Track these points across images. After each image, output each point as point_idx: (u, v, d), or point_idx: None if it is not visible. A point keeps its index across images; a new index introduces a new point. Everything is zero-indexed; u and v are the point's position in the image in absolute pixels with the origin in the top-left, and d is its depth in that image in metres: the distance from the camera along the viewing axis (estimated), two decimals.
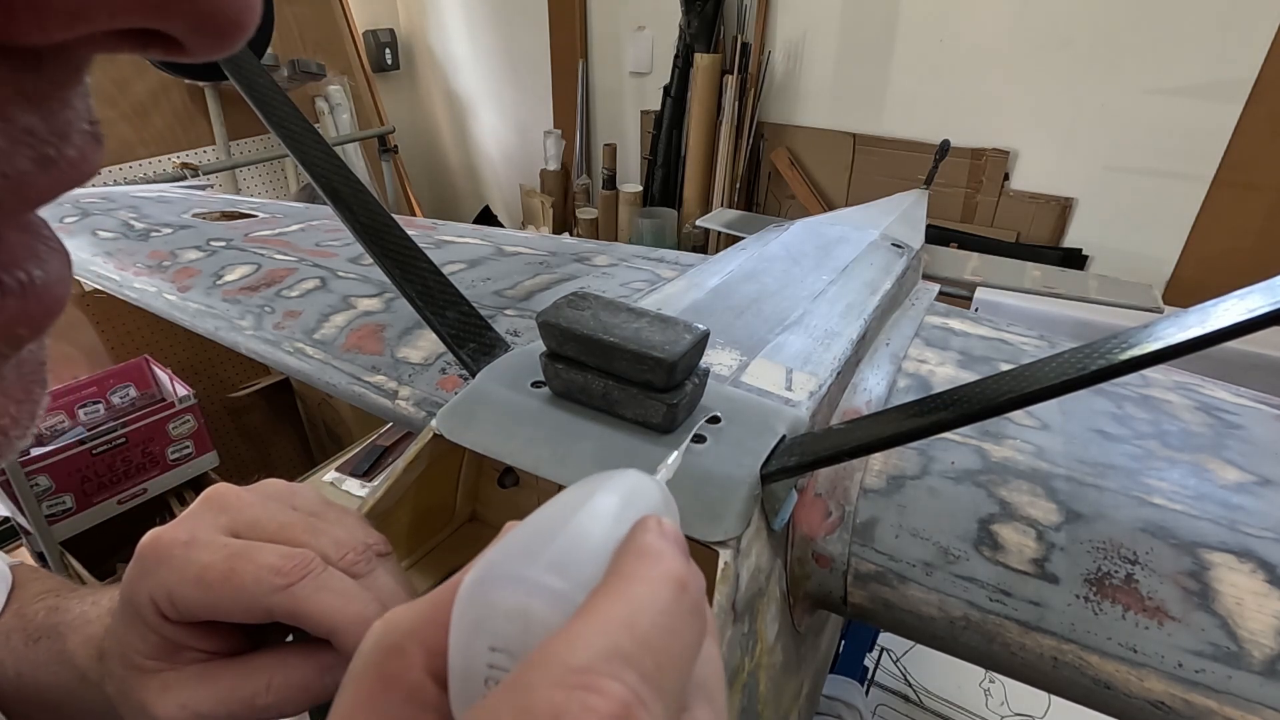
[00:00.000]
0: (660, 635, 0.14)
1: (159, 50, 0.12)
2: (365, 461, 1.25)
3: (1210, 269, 1.65)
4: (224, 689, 0.25)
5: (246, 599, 0.24)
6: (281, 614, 0.24)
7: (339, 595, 0.25)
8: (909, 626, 0.36)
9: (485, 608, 0.15)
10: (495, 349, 0.42)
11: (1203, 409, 0.45)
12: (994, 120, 1.82)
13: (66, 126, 0.12)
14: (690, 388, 0.33)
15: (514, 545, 0.16)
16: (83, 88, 0.12)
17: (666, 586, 0.15)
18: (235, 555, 0.25)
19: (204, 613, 0.25)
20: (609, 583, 0.15)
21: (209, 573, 0.24)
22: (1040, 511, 0.35)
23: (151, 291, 0.65)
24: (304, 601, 0.24)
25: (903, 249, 0.67)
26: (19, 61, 0.10)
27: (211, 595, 0.24)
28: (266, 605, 0.24)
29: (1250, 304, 0.19)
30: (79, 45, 0.11)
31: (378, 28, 2.72)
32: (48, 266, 0.13)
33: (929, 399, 0.27)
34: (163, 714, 0.25)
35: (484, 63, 2.85)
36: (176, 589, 0.24)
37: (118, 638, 0.27)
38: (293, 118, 0.44)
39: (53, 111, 0.11)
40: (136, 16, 0.10)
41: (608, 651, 0.13)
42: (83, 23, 0.10)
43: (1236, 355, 0.86)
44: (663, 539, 0.16)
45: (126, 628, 0.26)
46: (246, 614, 0.25)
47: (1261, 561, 0.32)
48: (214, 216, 0.84)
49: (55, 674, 0.30)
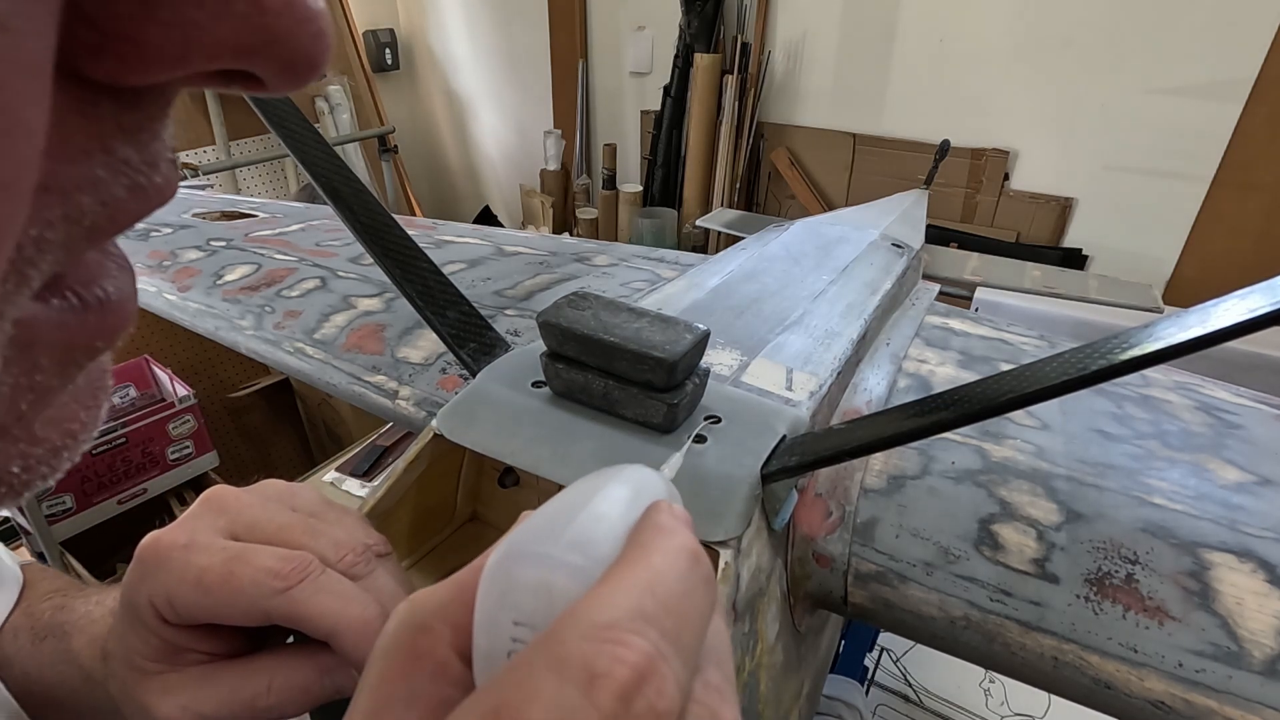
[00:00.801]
0: (678, 599, 0.15)
1: (241, 86, 0.13)
2: (365, 461, 1.25)
3: (1210, 269, 1.65)
4: (225, 691, 0.25)
5: (245, 602, 0.24)
6: (280, 617, 0.24)
7: (337, 597, 0.25)
8: (909, 626, 0.36)
9: (509, 583, 0.16)
10: (495, 349, 0.42)
11: (1203, 409, 0.45)
12: (994, 120, 1.82)
13: (156, 156, 0.13)
14: (691, 388, 0.33)
15: (534, 527, 0.17)
16: (169, 119, 0.13)
17: (682, 557, 0.16)
18: (233, 558, 0.25)
19: (203, 616, 0.25)
20: (629, 554, 0.16)
21: (207, 576, 0.24)
22: (1040, 511, 0.35)
23: (151, 291, 0.65)
24: (302, 604, 0.24)
25: (903, 249, 0.67)
26: (122, 99, 0.11)
27: (210, 598, 0.24)
28: (265, 608, 0.24)
29: (1250, 304, 0.19)
30: (173, 83, 0.12)
31: (378, 28, 2.72)
32: (119, 283, 0.14)
33: (929, 399, 0.27)
34: (164, 715, 0.25)
35: (484, 63, 2.85)
36: (175, 592, 0.25)
37: (119, 639, 0.27)
38: (293, 118, 0.44)
39: (145, 143, 0.12)
40: (230, 60, 0.11)
41: (632, 611, 0.14)
42: (182, 66, 0.11)
43: (1236, 355, 0.86)
44: (675, 519, 0.17)
45: (127, 629, 0.26)
46: (245, 617, 0.25)
47: (1262, 561, 0.32)
48: (214, 216, 0.84)
49: (61, 673, 0.30)
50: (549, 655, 0.13)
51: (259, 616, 0.25)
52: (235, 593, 0.24)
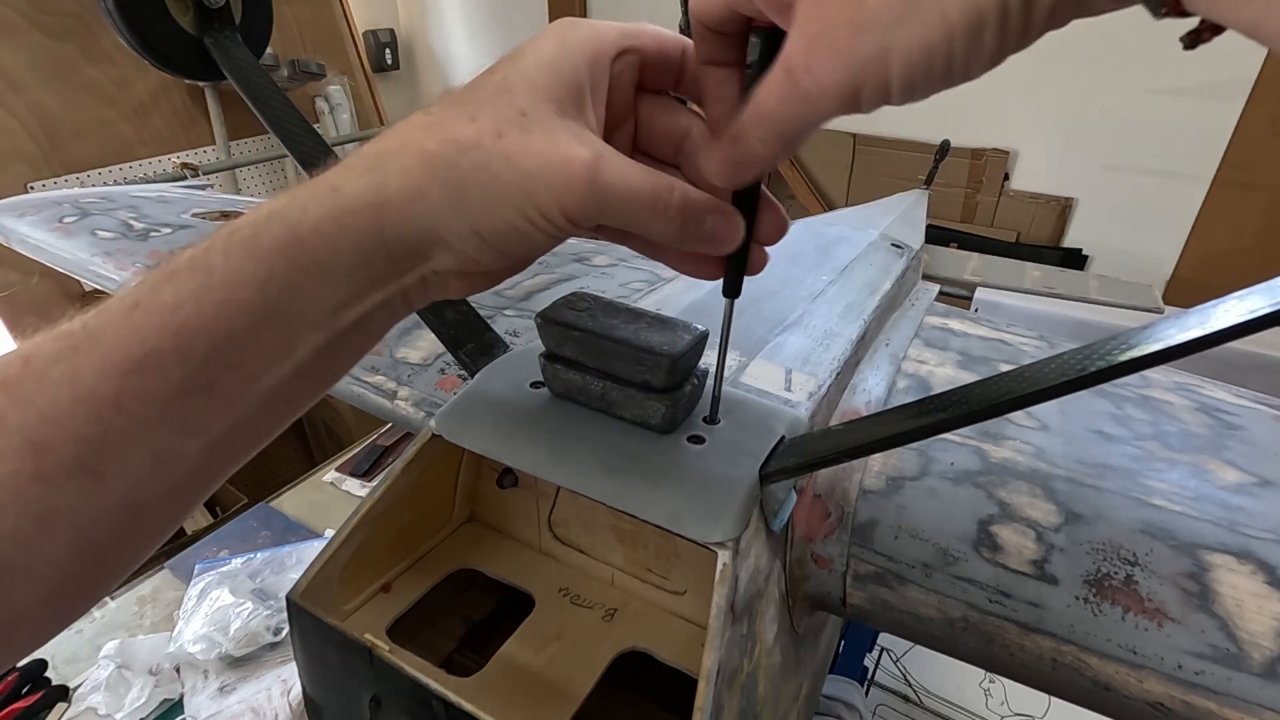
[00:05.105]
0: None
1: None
2: (365, 461, 1.25)
3: (1210, 269, 1.65)
4: (642, 166, 0.23)
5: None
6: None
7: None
8: (908, 628, 0.36)
9: None
10: (494, 349, 0.42)
11: (1203, 410, 0.45)
12: (994, 120, 1.82)
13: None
14: (689, 388, 0.33)
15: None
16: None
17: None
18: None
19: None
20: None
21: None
22: (1040, 513, 0.35)
23: None
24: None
25: (902, 249, 0.67)
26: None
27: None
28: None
29: (1250, 305, 0.19)
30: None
31: (378, 28, 2.72)
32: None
33: (928, 400, 0.27)
34: (573, 154, 0.22)
35: (484, 63, 2.78)
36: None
37: (527, 85, 0.23)
38: (292, 118, 0.44)
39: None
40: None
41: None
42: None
43: (1236, 355, 0.86)
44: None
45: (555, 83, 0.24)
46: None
47: (1261, 563, 0.32)
48: (214, 216, 0.84)
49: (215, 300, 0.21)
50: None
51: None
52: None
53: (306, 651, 0.35)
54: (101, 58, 1.63)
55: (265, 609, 0.86)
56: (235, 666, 0.82)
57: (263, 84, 0.81)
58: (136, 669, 0.81)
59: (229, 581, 0.90)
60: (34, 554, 0.20)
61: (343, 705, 0.34)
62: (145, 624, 0.90)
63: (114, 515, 0.21)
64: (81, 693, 0.80)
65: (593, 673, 0.35)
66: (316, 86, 2.23)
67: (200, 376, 0.21)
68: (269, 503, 1.14)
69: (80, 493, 0.20)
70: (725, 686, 0.28)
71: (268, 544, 1.03)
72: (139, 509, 0.22)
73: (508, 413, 0.35)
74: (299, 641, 0.35)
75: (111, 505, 0.21)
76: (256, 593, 0.89)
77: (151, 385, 0.21)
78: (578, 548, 0.41)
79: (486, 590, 0.41)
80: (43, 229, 0.76)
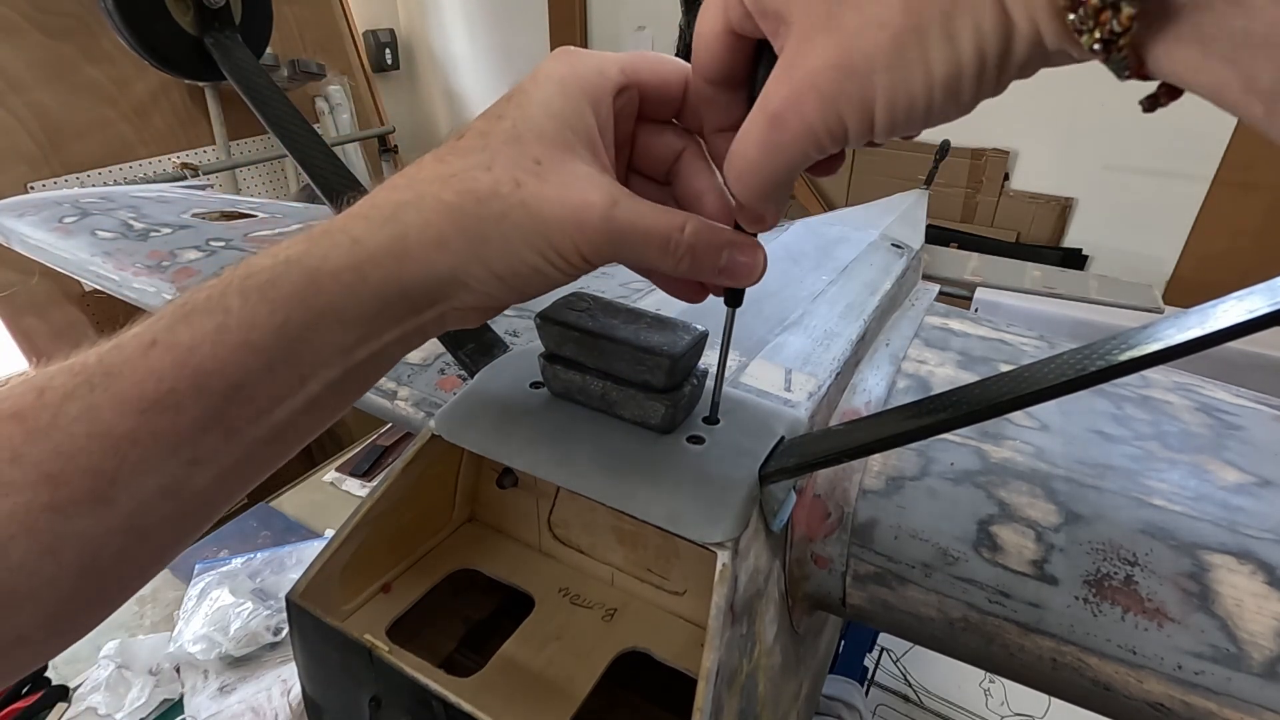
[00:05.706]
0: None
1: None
2: (365, 461, 1.25)
3: (1210, 269, 1.65)
4: (649, 205, 0.24)
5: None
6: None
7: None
8: (908, 628, 0.36)
9: None
10: (494, 349, 0.42)
11: (1203, 410, 0.45)
12: (994, 120, 1.82)
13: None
14: (689, 388, 0.33)
15: None
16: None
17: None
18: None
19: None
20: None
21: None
22: (1039, 513, 0.35)
23: (151, 291, 0.65)
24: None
25: (902, 249, 0.67)
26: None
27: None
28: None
29: (1250, 305, 0.19)
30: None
31: (378, 28, 2.72)
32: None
33: (928, 400, 0.27)
34: (584, 200, 0.23)
35: (484, 63, 2.85)
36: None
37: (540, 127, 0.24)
38: (292, 118, 0.44)
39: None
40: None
41: None
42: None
43: (1236, 355, 0.86)
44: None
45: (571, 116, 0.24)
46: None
47: (1261, 563, 0.32)
48: (214, 216, 0.84)
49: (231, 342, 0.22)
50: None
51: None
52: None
53: (306, 652, 0.35)
54: (101, 58, 1.63)
55: (265, 609, 0.86)
56: (235, 666, 0.82)
57: (263, 84, 0.81)
58: (136, 669, 0.81)
59: (229, 581, 0.90)
60: (40, 580, 0.21)
61: (342, 705, 0.34)
62: (145, 624, 0.90)
63: (120, 539, 0.22)
64: (81, 693, 0.80)
65: (592, 673, 0.35)
66: (316, 86, 2.23)
67: (214, 413, 0.22)
68: (269, 502, 1.14)
69: (90, 520, 0.21)
70: (725, 687, 0.28)
71: (268, 544, 1.03)
72: (145, 533, 0.22)
73: (507, 413, 0.35)
74: (299, 642, 0.35)
75: (118, 530, 0.21)
76: (256, 593, 0.89)
77: (167, 422, 0.21)
78: (578, 548, 0.41)
79: (486, 590, 0.41)
80: (43, 229, 0.76)
